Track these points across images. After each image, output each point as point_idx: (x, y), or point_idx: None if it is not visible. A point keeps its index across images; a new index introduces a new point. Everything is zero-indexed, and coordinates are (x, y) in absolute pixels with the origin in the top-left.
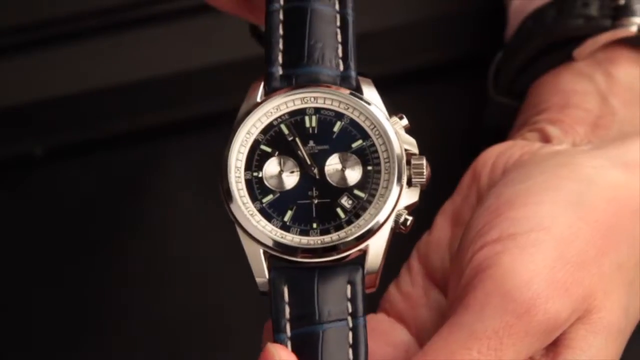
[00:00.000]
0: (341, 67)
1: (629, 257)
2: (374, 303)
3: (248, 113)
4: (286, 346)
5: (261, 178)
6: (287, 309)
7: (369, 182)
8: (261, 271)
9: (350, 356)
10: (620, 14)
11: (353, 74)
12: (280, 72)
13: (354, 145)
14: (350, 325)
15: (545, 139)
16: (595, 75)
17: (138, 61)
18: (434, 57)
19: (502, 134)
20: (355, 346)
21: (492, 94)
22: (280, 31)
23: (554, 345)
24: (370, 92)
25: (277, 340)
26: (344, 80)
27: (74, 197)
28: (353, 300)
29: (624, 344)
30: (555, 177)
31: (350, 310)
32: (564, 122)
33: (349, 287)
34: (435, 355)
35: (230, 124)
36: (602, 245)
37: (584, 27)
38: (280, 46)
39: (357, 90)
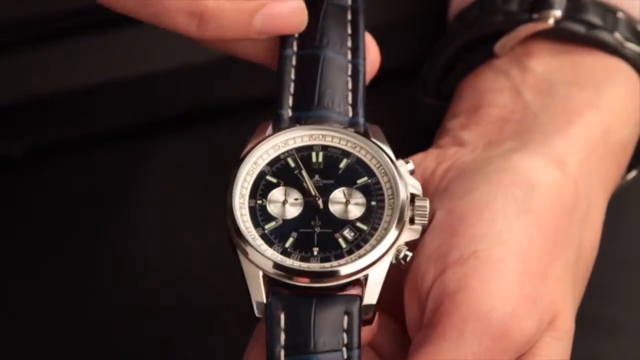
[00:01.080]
0: (350, 114)
1: (570, 258)
2: None
3: (256, 145)
4: None
5: (264, 206)
6: (283, 336)
7: (372, 217)
8: (259, 295)
9: None
10: (539, 7)
11: (361, 120)
12: (290, 114)
13: (359, 181)
14: (345, 356)
15: (459, 143)
16: (512, 71)
17: (120, 60)
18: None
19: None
20: None
21: (420, 95)
22: (292, 76)
23: (521, 356)
24: (379, 138)
25: None
26: (352, 126)
27: (55, 197)
28: (349, 331)
29: None
30: (499, 186)
31: (345, 342)
32: (479, 124)
33: (345, 318)
34: None
35: (218, 120)
36: (553, 250)
37: (503, 23)
38: (291, 90)
39: (364, 135)
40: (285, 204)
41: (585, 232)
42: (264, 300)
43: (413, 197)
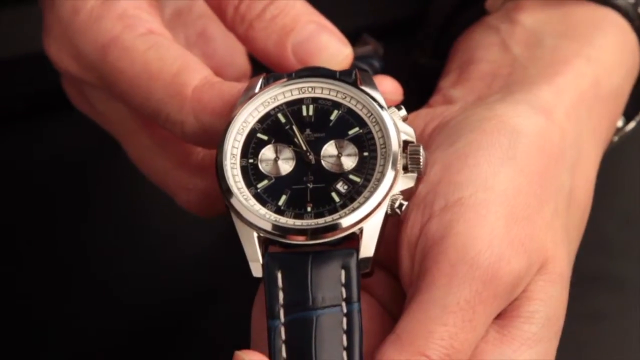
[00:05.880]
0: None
1: (560, 203)
2: None
3: (245, 102)
4: (280, 332)
5: (256, 164)
6: (281, 295)
7: (364, 168)
8: (255, 255)
9: (345, 342)
10: None
11: None
12: None
13: (351, 132)
14: (345, 310)
15: (449, 101)
16: (501, 26)
17: None
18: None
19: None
20: (349, 332)
21: (418, 56)
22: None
23: (515, 299)
24: (369, 84)
25: (271, 326)
26: None
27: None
28: (347, 285)
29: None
30: (484, 134)
31: (344, 296)
32: (468, 80)
33: (343, 273)
34: (412, 338)
35: None
36: (540, 195)
37: None
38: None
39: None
40: (277, 161)
41: (576, 179)
42: (260, 260)
43: (406, 143)
